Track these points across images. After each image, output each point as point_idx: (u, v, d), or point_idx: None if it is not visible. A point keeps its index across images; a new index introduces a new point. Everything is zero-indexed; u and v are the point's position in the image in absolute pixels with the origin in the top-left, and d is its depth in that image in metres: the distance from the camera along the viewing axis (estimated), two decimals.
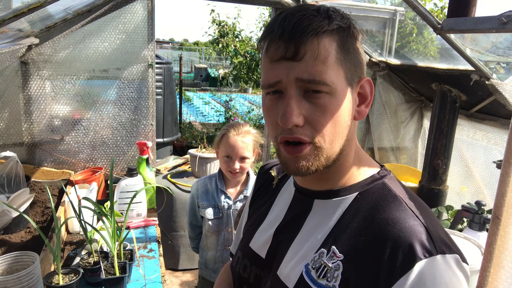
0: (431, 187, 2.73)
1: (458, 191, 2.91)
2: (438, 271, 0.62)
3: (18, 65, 2.32)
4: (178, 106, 7.20)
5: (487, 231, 0.71)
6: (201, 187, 1.96)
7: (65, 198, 1.95)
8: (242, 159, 1.83)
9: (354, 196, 0.75)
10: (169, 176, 3.14)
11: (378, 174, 0.78)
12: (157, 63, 4.22)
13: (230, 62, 9.31)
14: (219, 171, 1.96)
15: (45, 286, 1.31)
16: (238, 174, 1.86)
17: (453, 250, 0.66)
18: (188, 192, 2.85)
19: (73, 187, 1.83)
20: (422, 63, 2.82)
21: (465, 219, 2.01)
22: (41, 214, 1.93)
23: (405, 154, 3.49)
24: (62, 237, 1.80)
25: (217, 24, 7.53)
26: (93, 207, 1.49)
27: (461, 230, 1.89)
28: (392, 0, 3.61)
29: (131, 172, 2.05)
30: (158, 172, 3.26)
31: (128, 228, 1.88)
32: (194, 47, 26.49)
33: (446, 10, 3.52)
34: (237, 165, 1.82)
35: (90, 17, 2.39)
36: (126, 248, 1.65)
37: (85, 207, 1.55)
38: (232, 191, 1.95)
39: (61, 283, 1.33)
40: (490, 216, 1.72)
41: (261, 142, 1.94)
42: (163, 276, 1.63)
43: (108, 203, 1.63)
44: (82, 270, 1.43)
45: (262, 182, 1.01)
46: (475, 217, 1.79)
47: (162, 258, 1.77)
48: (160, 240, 1.93)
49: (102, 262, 1.46)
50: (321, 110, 0.68)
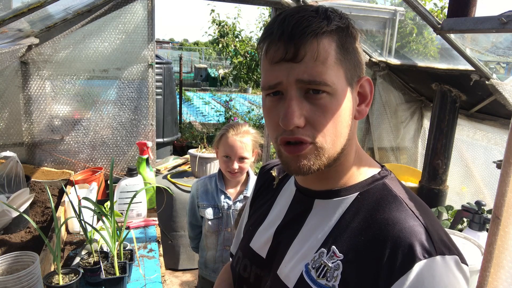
0: (431, 187, 2.73)
1: (458, 191, 2.91)
2: (437, 272, 0.62)
3: (18, 65, 2.32)
4: (178, 106, 7.20)
5: (487, 231, 0.71)
6: (201, 187, 1.96)
7: (65, 198, 1.95)
8: (241, 159, 1.82)
9: (354, 196, 0.75)
10: (169, 176, 3.14)
11: (379, 174, 0.78)
12: (157, 63, 4.22)
13: (230, 62, 9.31)
14: (219, 171, 1.96)
15: (45, 286, 1.31)
16: (237, 174, 1.86)
17: (452, 251, 0.66)
18: (188, 192, 2.85)
19: (73, 187, 1.83)
20: (422, 63, 2.82)
21: (465, 219, 2.01)
22: (41, 214, 1.93)
23: (405, 154, 3.49)
24: (62, 237, 1.80)
25: (217, 24, 7.53)
26: (93, 207, 1.49)
27: (461, 230, 1.89)
28: (392, 0, 3.61)
29: (131, 172, 2.05)
30: (158, 172, 3.26)
31: (128, 228, 1.88)
32: (194, 47, 26.49)
33: (446, 10, 3.52)
34: (236, 165, 1.82)
35: (90, 17, 2.39)
36: (126, 248, 1.65)
37: (85, 207, 1.55)
38: (232, 191, 1.95)
39: (61, 283, 1.33)
40: (490, 216, 1.72)
41: (260, 142, 1.94)
42: (163, 276, 1.63)
43: (108, 203, 1.63)
44: (82, 270, 1.43)
45: (262, 182, 1.01)
46: (475, 217, 1.79)
47: (162, 258, 1.77)
48: (160, 240, 1.93)
49: (102, 262, 1.46)
50: (321, 111, 0.68)
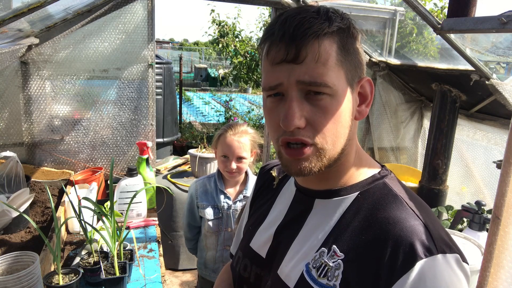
0: (431, 187, 2.73)
1: (458, 191, 2.91)
2: (438, 270, 0.62)
3: (18, 65, 2.32)
4: (178, 106, 7.20)
5: (487, 231, 0.71)
6: (200, 187, 1.96)
7: (65, 198, 1.95)
8: (239, 159, 1.83)
9: (355, 195, 0.75)
10: (169, 176, 3.14)
11: (379, 174, 0.78)
12: (157, 63, 4.21)
13: (230, 62, 9.31)
14: (218, 171, 1.96)
15: (45, 286, 1.31)
16: (235, 174, 1.87)
17: (453, 249, 0.66)
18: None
19: (73, 187, 1.83)
20: (422, 63, 2.82)
21: (465, 219, 2.01)
22: (41, 214, 1.93)
23: (405, 154, 3.49)
24: (62, 237, 1.80)
25: (217, 24, 7.53)
26: (93, 207, 1.49)
27: (461, 230, 1.89)
28: (392, 0, 3.61)
29: (131, 172, 2.05)
30: (158, 172, 3.26)
31: (128, 228, 1.88)
32: (194, 47, 26.49)
33: (446, 10, 3.52)
34: (233, 165, 1.82)
35: (90, 17, 2.39)
36: (126, 248, 1.65)
37: (85, 207, 1.55)
38: (231, 191, 1.95)
39: (61, 283, 1.33)
40: (490, 216, 1.72)
41: (259, 142, 1.94)
42: (163, 276, 1.63)
43: (108, 203, 1.63)
44: (82, 270, 1.43)
45: (262, 183, 1.01)
46: (475, 217, 1.79)
47: (162, 258, 1.77)
48: (160, 240, 1.93)
49: (102, 262, 1.46)
50: (322, 112, 0.68)
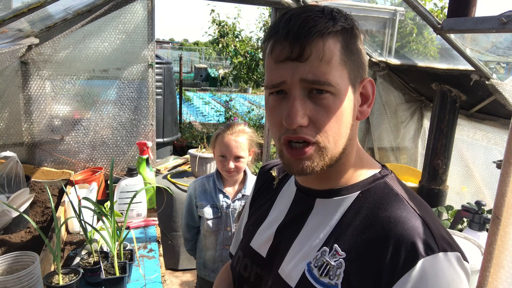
0: (431, 187, 2.73)
1: (458, 191, 2.91)
2: (440, 269, 0.63)
3: (18, 65, 2.32)
4: (178, 106, 7.20)
5: (487, 231, 0.71)
6: (199, 187, 1.96)
7: (65, 198, 1.95)
8: (237, 158, 1.84)
9: (356, 195, 0.75)
10: (169, 176, 3.14)
11: (380, 173, 0.79)
12: (157, 63, 4.21)
13: (230, 62, 9.30)
14: (217, 171, 1.97)
15: (45, 286, 1.31)
16: (233, 173, 1.88)
17: (454, 248, 0.67)
18: None
19: (73, 187, 1.83)
20: (422, 63, 2.82)
21: (465, 219, 2.01)
22: (41, 214, 1.93)
23: (405, 154, 3.49)
24: (62, 237, 1.80)
25: (217, 24, 7.53)
26: (93, 207, 1.49)
27: (461, 230, 1.89)
28: (392, 0, 3.61)
29: (131, 172, 2.05)
30: (158, 172, 3.26)
31: (128, 228, 1.88)
32: (194, 47, 26.48)
33: (446, 10, 3.52)
34: (231, 164, 1.83)
35: (90, 17, 2.39)
36: (126, 248, 1.65)
37: (85, 207, 1.55)
38: (230, 190, 1.95)
39: (61, 283, 1.33)
40: (490, 216, 1.72)
41: (257, 141, 1.95)
42: (163, 276, 1.63)
43: (108, 203, 1.63)
44: (82, 270, 1.43)
45: (262, 183, 1.01)
46: (475, 217, 1.79)
47: (162, 258, 1.77)
48: (160, 240, 1.93)
49: (102, 262, 1.46)
50: (325, 111, 0.69)
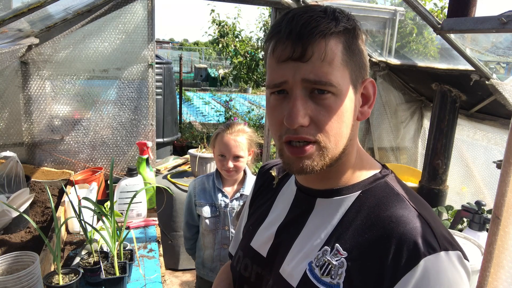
0: (431, 187, 2.73)
1: (458, 191, 2.91)
2: (441, 268, 0.63)
3: (18, 65, 2.32)
4: (178, 106, 7.20)
5: (487, 231, 0.71)
6: (198, 186, 1.97)
7: (65, 198, 1.95)
8: (236, 158, 1.84)
9: (356, 194, 0.76)
10: (169, 176, 3.14)
11: (380, 173, 0.79)
12: (157, 63, 4.21)
13: (230, 62, 9.30)
14: (216, 170, 1.98)
15: (45, 286, 1.31)
16: (232, 173, 1.88)
17: (455, 247, 0.67)
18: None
19: (73, 187, 1.83)
20: (422, 63, 2.82)
21: (465, 219, 2.01)
22: (41, 214, 1.93)
23: (405, 154, 3.49)
24: (62, 237, 1.80)
25: (217, 24, 7.53)
26: (93, 207, 1.49)
27: (461, 230, 1.89)
28: (392, 0, 3.61)
29: (131, 172, 2.05)
30: (158, 172, 3.26)
31: (128, 228, 1.88)
32: (194, 47, 26.48)
33: (446, 10, 3.52)
34: (230, 164, 1.83)
35: (90, 17, 2.39)
36: (126, 248, 1.65)
37: (85, 207, 1.55)
38: (229, 190, 1.95)
39: (61, 283, 1.33)
40: (490, 216, 1.72)
41: (257, 141, 1.95)
42: (163, 276, 1.63)
43: (108, 203, 1.63)
44: (82, 270, 1.43)
45: (262, 182, 1.01)
46: (475, 217, 1.79)
47: (162, 258, 1.77)
48: (160, 240, 1.93)
49: (102, 262, 1.46)
50: (326, 111, 0.69)
